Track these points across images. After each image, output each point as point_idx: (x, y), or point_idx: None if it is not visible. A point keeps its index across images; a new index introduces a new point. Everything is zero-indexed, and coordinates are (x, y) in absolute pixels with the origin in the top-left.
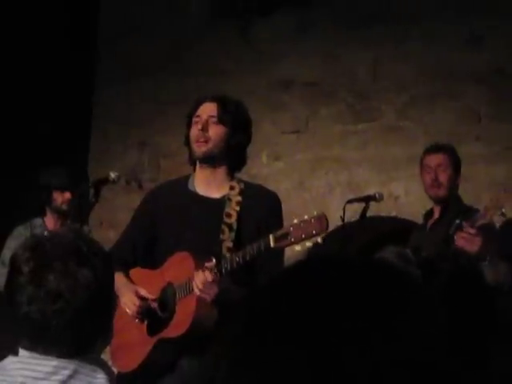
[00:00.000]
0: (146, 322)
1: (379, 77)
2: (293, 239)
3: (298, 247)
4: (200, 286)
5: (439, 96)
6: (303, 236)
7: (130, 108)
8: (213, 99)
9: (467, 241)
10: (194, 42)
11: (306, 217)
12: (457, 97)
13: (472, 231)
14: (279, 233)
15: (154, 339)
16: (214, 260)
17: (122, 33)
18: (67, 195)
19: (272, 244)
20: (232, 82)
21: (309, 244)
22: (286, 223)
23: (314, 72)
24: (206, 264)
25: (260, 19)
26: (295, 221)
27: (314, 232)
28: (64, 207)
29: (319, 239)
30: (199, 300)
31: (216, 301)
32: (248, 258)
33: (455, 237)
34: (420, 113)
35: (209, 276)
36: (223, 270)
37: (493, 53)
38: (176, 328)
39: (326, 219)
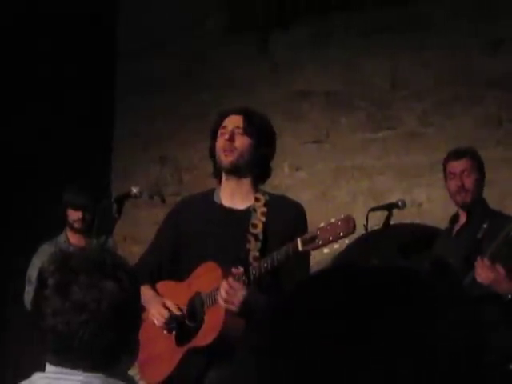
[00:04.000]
0: (174, 333)
1: (398, 84)
2: (320, 242)
3: (326, 250)
4: (224, 295)
5: (459, 102)
6: (331, 238)
7: (150, 122)
8: (239, 112)
9: (479, 273)
10: (212, 56)
11: (332, 220)
12: (477, 102)
13: (483, 264)
14: (307, 236)
15: (183, 349)
16: (241, 268)
17: (141, 47)
18: (79, 214)
19: (300, 247)
20: (251, 93)
21: (336, 246)
22: (312, 227)
23: (333, 81)
24: (234, 271)
25: (278, 30)
26: (322, 224)
27: (341, 234)
28: (76, 225)
29: (346, 241)
30: (227, 307)
31: (244, 310)
32: (276, 263)
33: (475, 265)
34: (440, 119)
35: (233, 283)
36: (251, 277)
37: None
38: (205, 337)
39: (353, 221)
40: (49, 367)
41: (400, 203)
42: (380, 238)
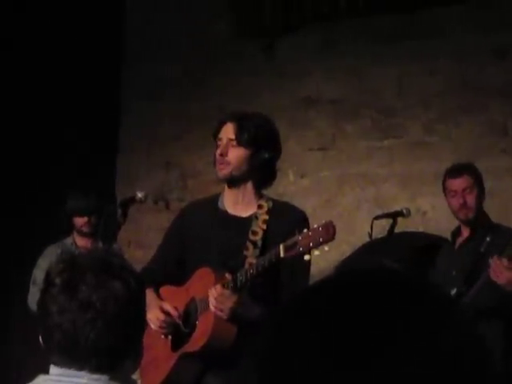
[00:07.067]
0: (170, 338)
1: (405, 92)
2: (301, 248)
3: (307, 256)
4: (213, 302)
5: (465, 110)
6: (311, 244)
7: (155, 127)
8: (232, 119)
9: (495, 272)
10: (219, 61)
11: (314, 225)
12: (483, 111)
13: (500, 264)
14: (289, 242)
15: (177, 354)
16: (230, 274)
17: (147, 52)
18: (85, 219)
19: (282, 254)
20: (257, 100)
21: (317, 253)
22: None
23: (340, 89)
24: (226, 276)
25: (284, 37)
26: (304, 230)
27: (320, 240)
28: (84, 229)
29: (326, 247)
30: (217, 314)
31: (235, 316)
32: (260, 268)
33: (489, 269)
34: (446, 128)
35: (219, 290)
36: (238, 283)
37: None
38: (195, 342)
39: (333, 227)
40: (53, 369)
41: (405, 211)
42: (384, 246)
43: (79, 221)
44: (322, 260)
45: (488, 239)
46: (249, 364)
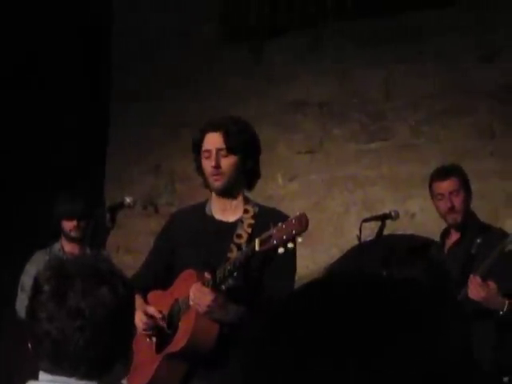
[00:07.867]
0: (154, 341)
1: (392, 95)
2: (275, 241)
3: (281, 249)
4: (192, 297)
5: (453, 113)
6: (284, 237)
7: (144, 132)
8: (217, 129)
9: (471, 290)
10: (206, 65)
11: (289, 218)
12: (470, 113)
13: (475, 281)
14: (263, 236)
15: (161, 356)
16: (210, 273)
17: (135, 56)
18: (74, 223)
19: (257, 247)
20: (245, 103)
21: (291, 245)
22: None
23: (327, 92)
24: (205, 276)
25: (272, 40)
26: (279, 224)
27: (294, 232)
28: (72, 234)
29: (300, 239)
30: (197, 314)
31: (212, 313)
32: (238, 263)
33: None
34: (434, 130)
35: (199, 286)
36: (218, 280)
37: (505, 69)
38: (178, 342)
39: (306, 218)
40: (42, 375)
41: (393, 214)
42: (373, 248)
43: (68, 224)
44: (311, 263)
45: (479, 241)
46: (237, 366)
